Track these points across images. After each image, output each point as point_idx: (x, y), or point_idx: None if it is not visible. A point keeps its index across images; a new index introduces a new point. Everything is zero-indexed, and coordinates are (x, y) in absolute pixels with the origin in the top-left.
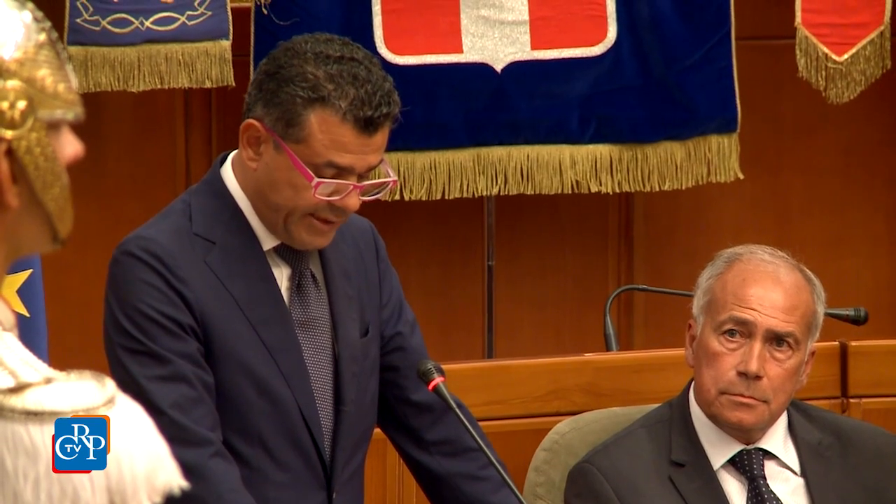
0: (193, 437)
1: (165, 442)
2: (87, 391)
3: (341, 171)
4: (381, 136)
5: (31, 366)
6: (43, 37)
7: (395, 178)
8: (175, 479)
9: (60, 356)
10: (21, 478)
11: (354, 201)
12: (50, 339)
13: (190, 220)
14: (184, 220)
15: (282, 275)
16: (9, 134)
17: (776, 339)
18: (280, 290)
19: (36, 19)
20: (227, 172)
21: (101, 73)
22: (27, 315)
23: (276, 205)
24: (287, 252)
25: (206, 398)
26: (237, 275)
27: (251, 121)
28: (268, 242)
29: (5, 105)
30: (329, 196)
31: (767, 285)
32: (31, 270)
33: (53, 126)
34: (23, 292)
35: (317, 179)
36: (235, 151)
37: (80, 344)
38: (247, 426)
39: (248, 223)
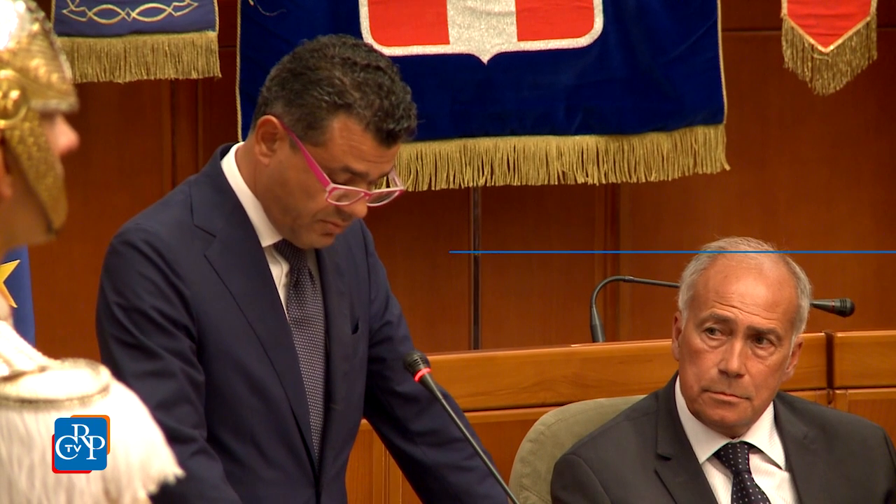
0: (175, 435)
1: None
2: (82, 379)
3: (354, 177)
4: (397, 147)
5: (25, 354)
6: (36, 27)
7: (403, 187)
8: (170, 467)
9: (48, 346)
10: (16, 465)
11: (362, 208)
12: (37, 330)
13: (191, 211)
14: (185, 212)
15: (280, 271)
16: (2, 123)
17: (757, 336)
18: (276, 287)
19: (29, 9)
20: (230, 165)
21: (87, 63)
22: (14, 305)
23: (285, 205)
24: (286, 249)
25: (192, 396)
26: (236, 270)
27: (270, 117)
28: (267, 239)
29: None
30: (338, 201)
31: (749, 282)
32: (17, 261)
33: (47, 116)
34: (10, 283)
35: (331, 185)
36: (238, 145)
37: (67, 334)
38: (239, 424)
39: (248, 218)
